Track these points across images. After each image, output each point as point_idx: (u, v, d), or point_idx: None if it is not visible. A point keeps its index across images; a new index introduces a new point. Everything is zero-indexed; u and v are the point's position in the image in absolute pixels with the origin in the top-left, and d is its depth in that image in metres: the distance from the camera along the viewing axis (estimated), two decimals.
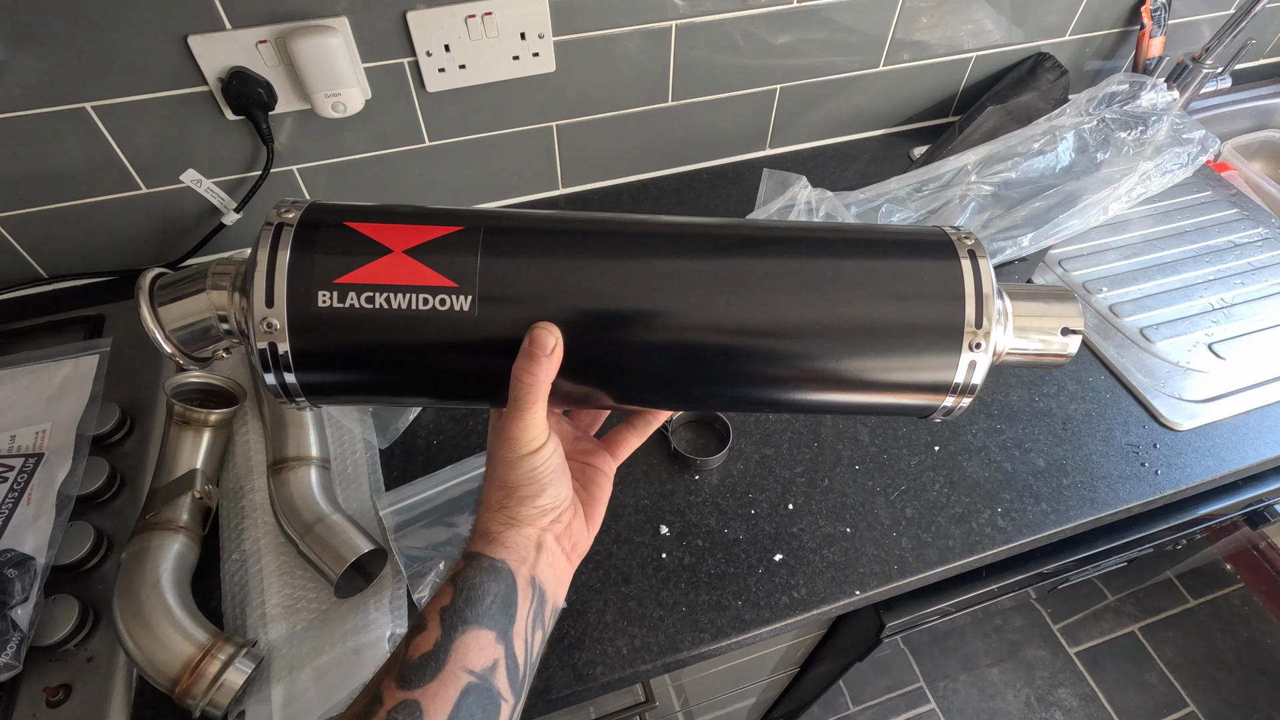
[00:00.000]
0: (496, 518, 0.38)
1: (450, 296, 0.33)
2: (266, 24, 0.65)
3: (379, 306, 0.33)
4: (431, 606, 0.36)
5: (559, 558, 0.39)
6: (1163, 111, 0.86)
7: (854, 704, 1.53)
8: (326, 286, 0.33)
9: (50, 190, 0.71)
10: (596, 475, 0.43)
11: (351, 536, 0.56)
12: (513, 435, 0.36)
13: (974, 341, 0.35)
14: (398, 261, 0.33)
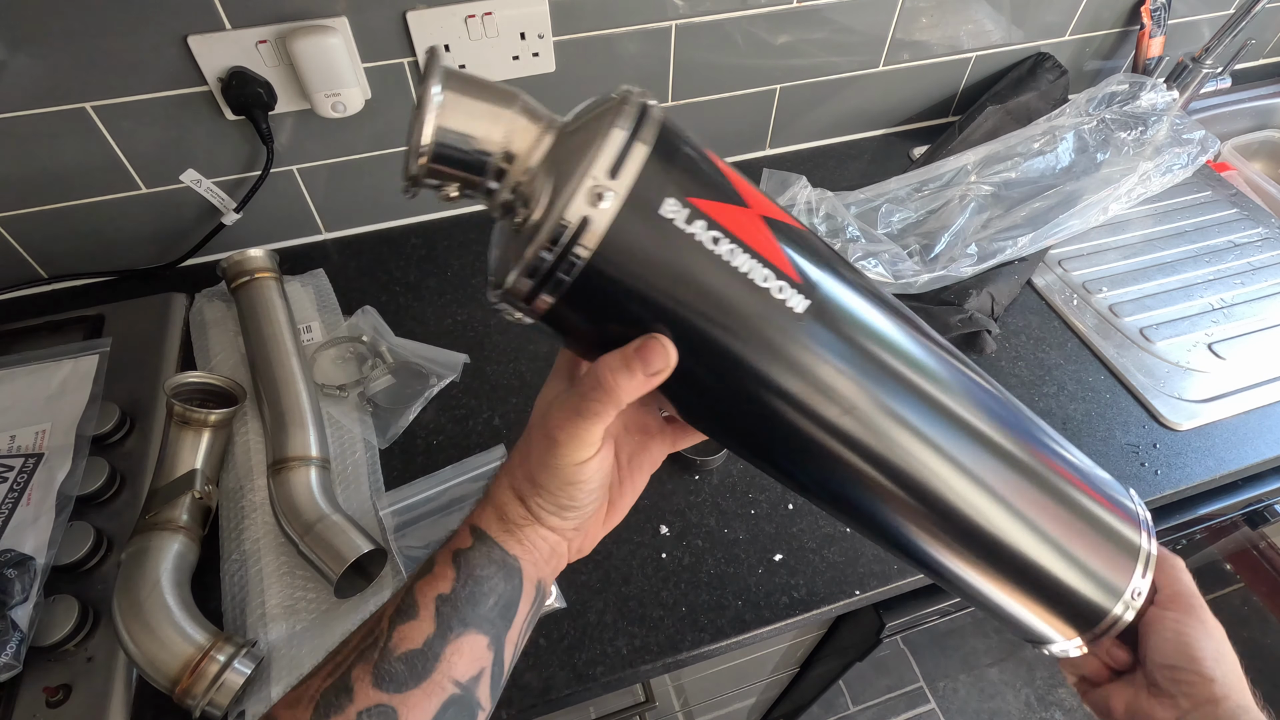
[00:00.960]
0: (517, 507, 0.33)
1: (788, 288, 0.28)
2: (266, 24, 0.65)
3: (720, 254, 0.27)
4: (426, 588, 0.31)
5: (566, 558, 0.36)
6: (1163, 112, 0.86)
7: (854, 704, 1.52)
8: (680, 199, 0.26)
9: (50, 190, 0.71)
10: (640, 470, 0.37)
11: (351, 536, 0.56)
12: (558, 438, 0.30)
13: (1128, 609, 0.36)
14: (753, 222, 0.28)
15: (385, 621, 0.31)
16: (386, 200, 0.85)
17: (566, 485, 0.31)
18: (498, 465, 0.64)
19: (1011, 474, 0.33)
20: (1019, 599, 0.36)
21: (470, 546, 0.32)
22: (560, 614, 0.58)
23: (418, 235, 0.87)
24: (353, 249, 0.85)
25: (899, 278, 0.74)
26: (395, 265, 0.83)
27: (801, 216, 0.78)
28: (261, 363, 0.67)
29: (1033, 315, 0.80)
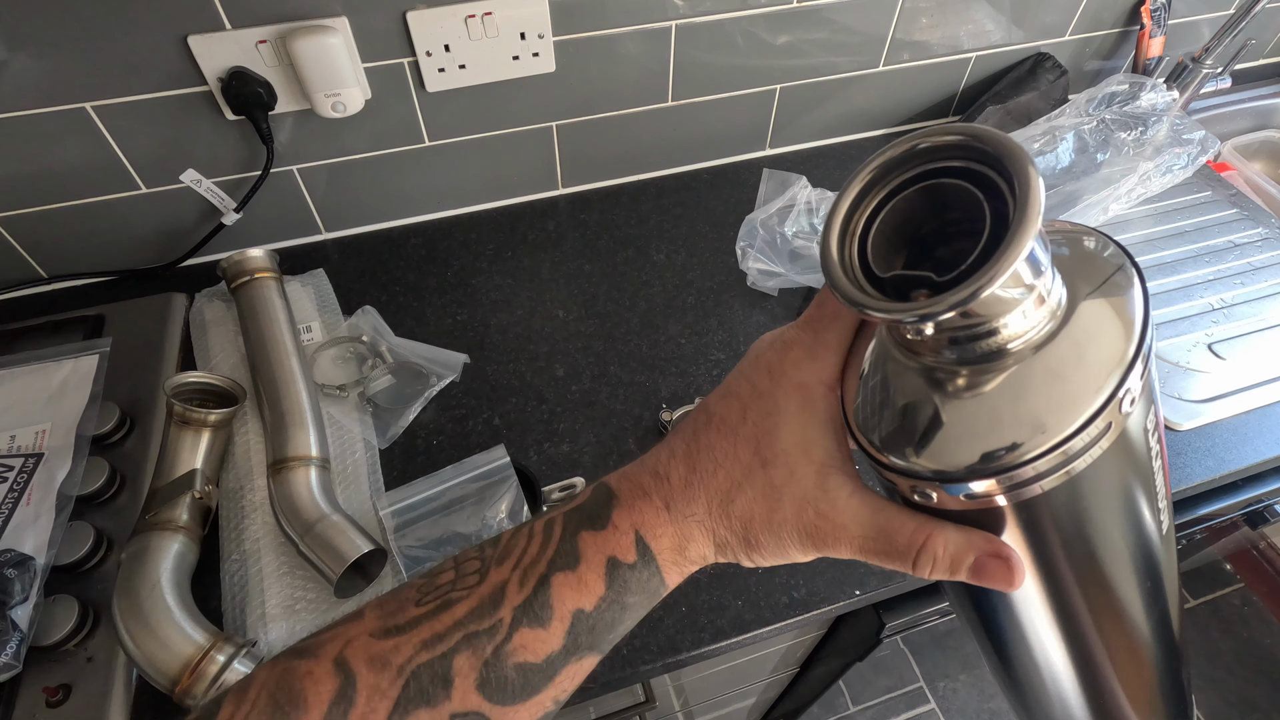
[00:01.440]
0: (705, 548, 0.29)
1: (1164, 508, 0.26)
2: (266, 24, 0.65)
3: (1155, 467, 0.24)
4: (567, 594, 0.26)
5: None
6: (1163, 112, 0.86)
7: (854, 704, 1.52)
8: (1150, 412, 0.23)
9: (50, 190, 0.71)
10: None
11: (351, 536, 0.56)
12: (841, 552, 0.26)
13: None
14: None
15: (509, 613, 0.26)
16: (386, 200, 0.85)
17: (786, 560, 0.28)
18: (499, 464, 0.64)
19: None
20: None
21: (632, 564, 0.27)
22: None
23: (418, 235, 0.87)
24: (353, 249, 0.85)
25: None
26: (395, 265, 0.83)
27: (801, 217, 0.79)
28: (261, 363, 0.67)
29: None
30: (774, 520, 0.26)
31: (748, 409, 0.27)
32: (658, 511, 0.28)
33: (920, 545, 0.24)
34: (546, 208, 0.91)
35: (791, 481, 0.26)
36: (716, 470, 0.27)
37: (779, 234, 0.77)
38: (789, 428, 0.26)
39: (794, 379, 0.27)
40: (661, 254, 0.85)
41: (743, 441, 0.27)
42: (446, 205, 0.89)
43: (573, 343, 0.76)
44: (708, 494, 0.27)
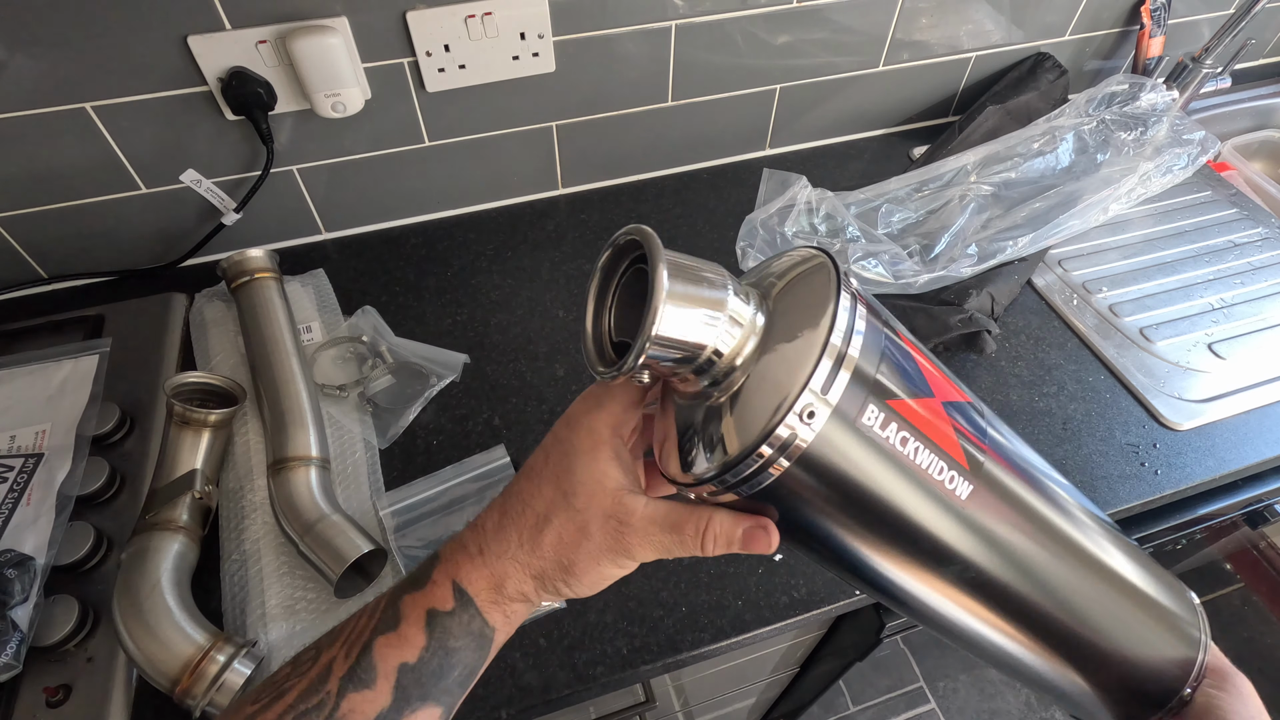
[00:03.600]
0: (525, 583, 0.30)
1: (958, 476, 0.28)
2: (266, 24, 0.65)
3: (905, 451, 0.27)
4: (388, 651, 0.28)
5: None
6: (1163, 112, 0.86)
7: (854, 704, 1.52)
8: (879, 402, 0.26)
9: (50, 190, 0.71)
10: None
11: (351, 536, 0.55)
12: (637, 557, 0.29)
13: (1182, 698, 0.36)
14: (936, 411, 0.28)
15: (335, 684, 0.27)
16: (386, 200, 0.85)
17: (600, 577, 0.30)
18: (499, 464, 0.64)
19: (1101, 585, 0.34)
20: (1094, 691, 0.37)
21: (450, 611, 0.29)
22: (560, 614, 0.58)
23: (417, 235, 0.87)
24: (353, 249, 0.85)
25: (899, 278, 0.74)
26: (395, 265, 0.83)
27: (801, 217, 0.79)
28: (261, 363, 0.67)
29: (1033, 315, 0.80)
30: (584, 542, 0.29)
31: (549, 454, 0.31)
32: (472, 558, 0.30)
33: (703, 530, 0.29)
34: (546, 208, 0.91)
35: (593, 505, 0.30)
36: (525, 510, 0.30)
37: (779, 234, 0.77)
38: (583, 463, 0.30)
39: (585, 425, 0.31)
40: None
41: (546, 481, 0.31)
42: (446, 205, 0.89)
43: (573, 343, 0.76)
44: (518, 532, 0.30)
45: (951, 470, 0.28)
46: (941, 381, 0.30)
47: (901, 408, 0.27)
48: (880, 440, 0.26)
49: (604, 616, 0.58)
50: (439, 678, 0.29)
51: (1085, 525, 0.34)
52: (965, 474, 0.28)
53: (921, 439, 0.27)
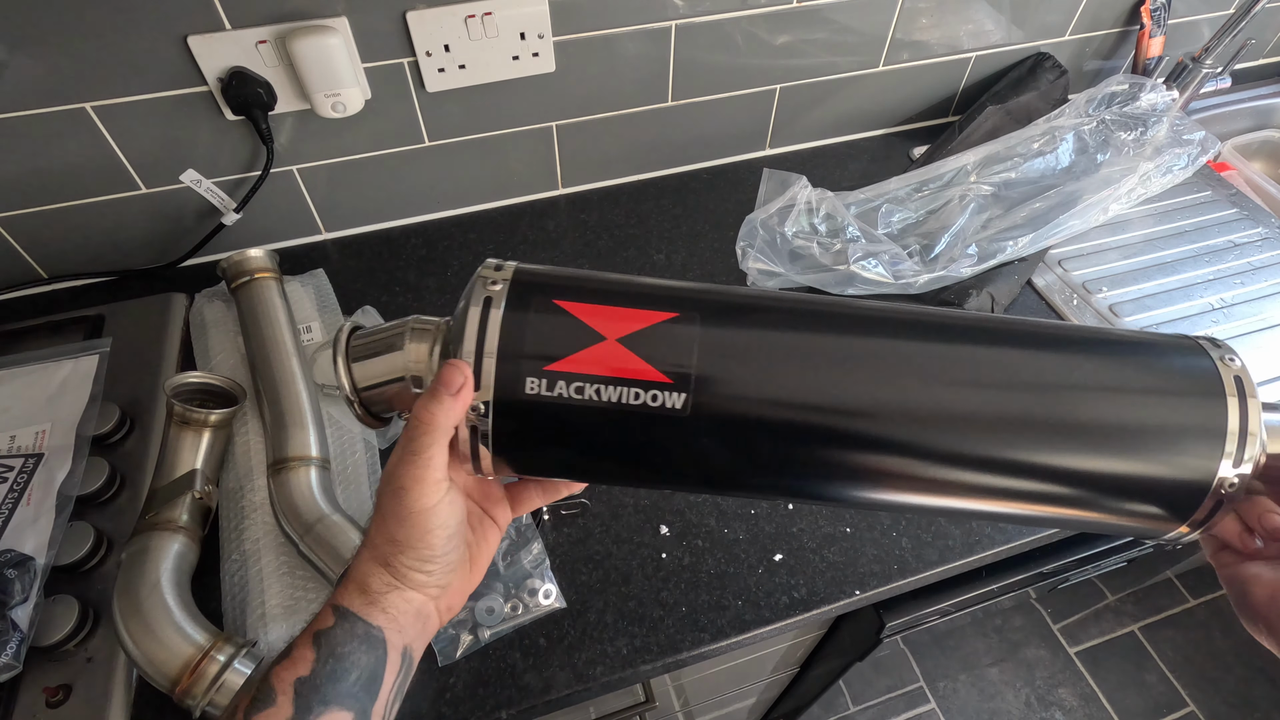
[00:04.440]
0: (380, 574, 0.33)
1: (663, 394, 0.31)
2: (266, 24, 0.65)
3: (589, 399, 0.31)
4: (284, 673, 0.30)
5: (435, 621, 0.36)
6: (1163, 112, 0.86)
7: (854, 704, 1.52)
8: (536, 373, 0.31)
9: (50, 190, 0.71)
10: (490, 529, 0.39)
11: (351, 536, 0.55)
12: (403, 485, 0.32)
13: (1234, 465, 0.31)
14: (610, 350, 0.31)
15: (240, 714, 0.30)
16: (386, 200, 0.85)
17: (424, 534, 0.32)
18: None
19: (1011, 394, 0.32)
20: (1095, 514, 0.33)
21: (332, 626, 0.32)
22: (560, 614, 0.58)
23: (417, 235, 0.87)
24: (353, 249, 0.85)
25: (899, 278, 0.74)
26: (395, 265, 0.83)
27: (802, 217, 0.78)
28: (261, 363, 0.67)
29: (1033, 315, 0.80)
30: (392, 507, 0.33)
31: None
32: (345, 584, 0.34)
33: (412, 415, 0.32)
34: (546, 208, 0.91)
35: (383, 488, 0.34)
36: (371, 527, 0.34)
37: (779, 234, 0.77)
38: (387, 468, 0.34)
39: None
40: (661, 254, 0.85)
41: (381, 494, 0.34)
42: (446, 205, 0.89)
43: None
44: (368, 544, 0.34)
45: (653, 390, 0.31)
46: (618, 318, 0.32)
47: (563, 365, 0.31)
48: (554, 399, 0.31)
49: (604, 616, 0.58)
50: (336, 681, 0.31)
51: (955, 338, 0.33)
52: (672, 386, 0.31)
53: (600, 381, 0.31)
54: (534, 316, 0.32)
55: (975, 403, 0.32)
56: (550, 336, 0.31)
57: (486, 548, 0.38)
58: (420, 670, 0.55)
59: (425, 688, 0.54)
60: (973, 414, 0.32)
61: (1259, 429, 0.31)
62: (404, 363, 0.34)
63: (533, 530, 0.61)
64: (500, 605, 0.57)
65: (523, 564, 0.59)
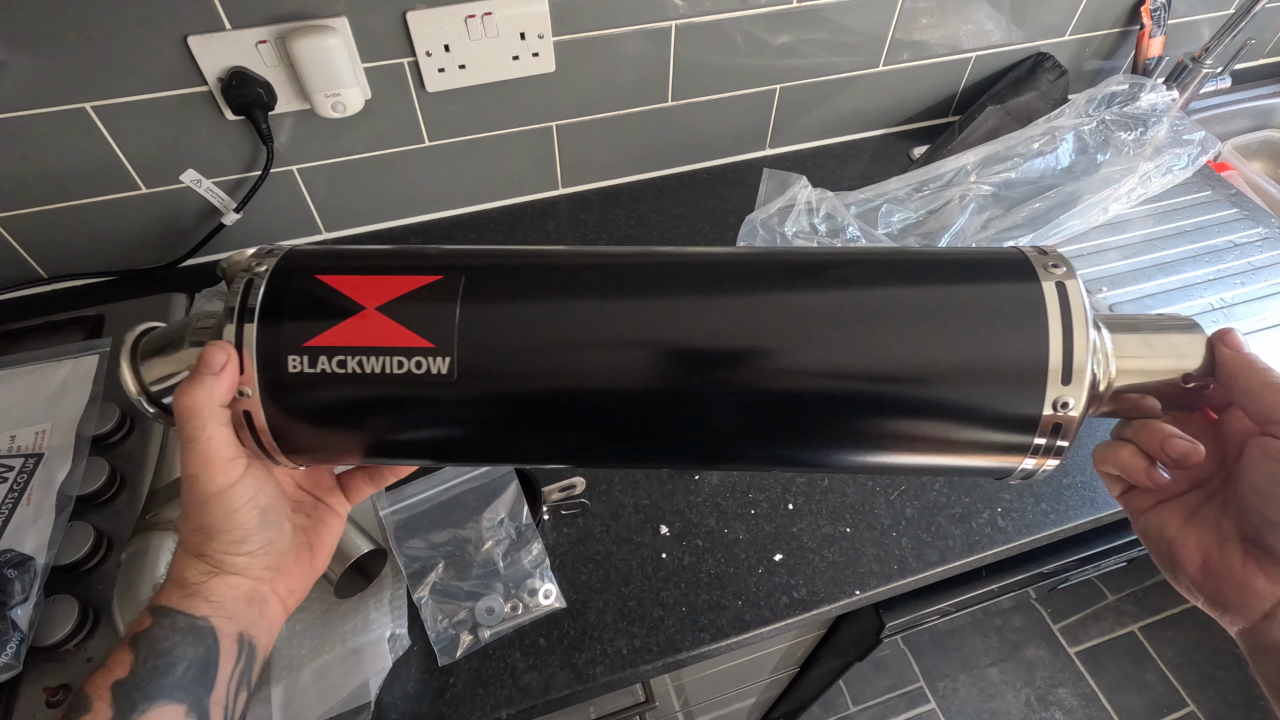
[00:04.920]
0: (196, 565, 0.32)
1: (426, 358, 0.30)
2: (266, 24, 0.65)
3: (351, 371, 0.30)
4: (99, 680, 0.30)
5: (274, 606, 0.35)
6: (1162, 112, 0.86)
7: (854, 704, 1.52)
8: (296, 350, 0.31)
9: (50, 190, 0.71)
10: (328, 515, 0.38)
11: (351, 536, 0.55)
12: (192, 472, 0.31)
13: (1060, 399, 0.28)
14: (370, 320, 0.31)
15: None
16: (386, 200, 0.85)
17: (229, 514, 0.32)
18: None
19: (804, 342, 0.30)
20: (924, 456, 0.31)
21: (149, 626, 0.31)
22: (560, 614, 0.58)
23: (417, 235, 0.87)
24: None
25: None
26: None
27: (801, 217, 0.78)
28: None
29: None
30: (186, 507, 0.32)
31: None
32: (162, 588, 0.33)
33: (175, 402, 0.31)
34: (546, 208, 0.91)
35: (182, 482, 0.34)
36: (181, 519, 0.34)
37: (779, 234, 0.77)
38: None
39: None
40: None
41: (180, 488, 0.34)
42: (446, 205, 0.89)
43: None
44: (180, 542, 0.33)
45: (416, 356, 0.30)
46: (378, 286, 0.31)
47: (323, 339, 0.31)
48: (318, 374, 0.31)
49: (604, 616, 0.58)
50: (159, 676, 0.30)
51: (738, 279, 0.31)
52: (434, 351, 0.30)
53: (360, 352, 0.30)
54: (293, 295, 0.32)
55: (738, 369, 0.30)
56: (309, 312, 0.31)
57: (327, 534, 0.38)
58: (420, 670, 0.55)
59: (425, 688, 0.54)
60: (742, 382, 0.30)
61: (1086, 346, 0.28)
62: (189, 357, 0.33)
63: (533, 530, 0.61)
64: (500, 605, 0.57)
65: (523, 564, 0.59)
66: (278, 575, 0.34)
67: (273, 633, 0.35)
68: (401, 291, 0.31)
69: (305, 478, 0.38)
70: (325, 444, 0.34)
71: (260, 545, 0.33)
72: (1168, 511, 0.32)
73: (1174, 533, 0.31)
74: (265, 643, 0.34)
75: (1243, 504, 0.29)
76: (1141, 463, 0.31)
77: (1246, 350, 0.29)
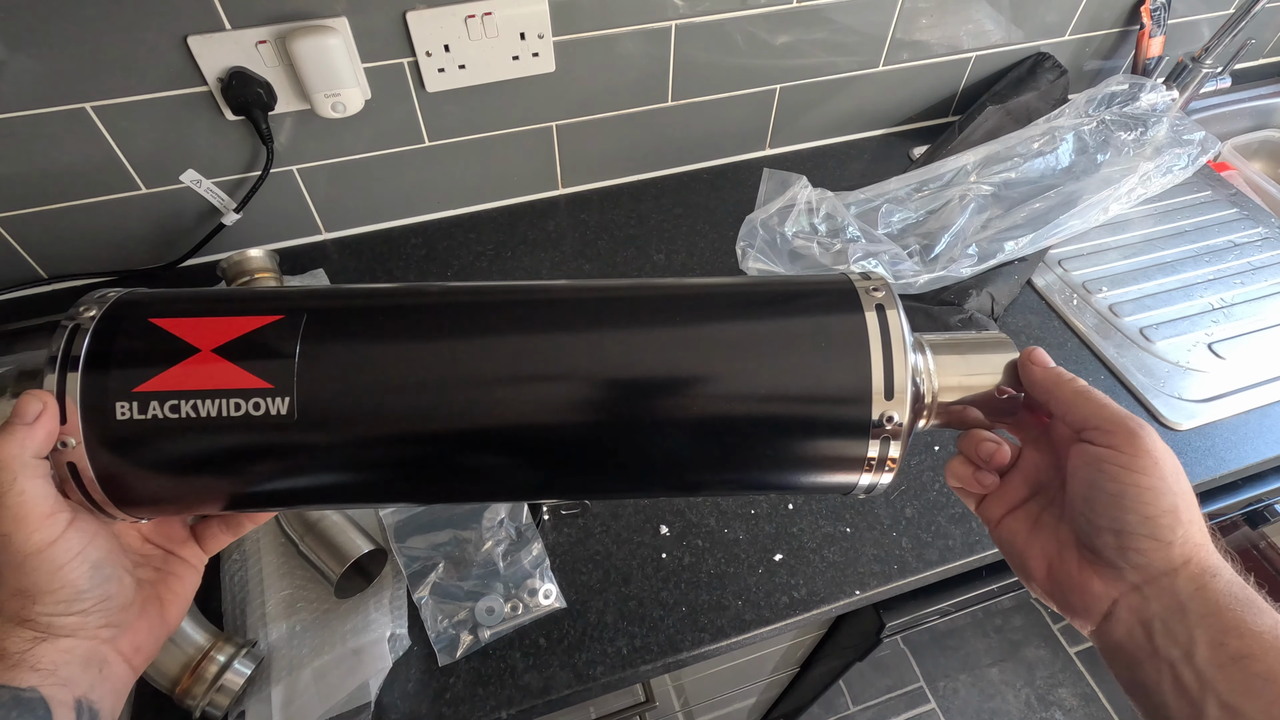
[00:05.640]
0: (17, 634, 0.30)
1: (265, 400, 0.30)
2: (266, 24, 0.65)
3: (185, 415, 0.29)
4: None
5: (119, 667, 0.32)
6: (1162, 112, 0.86)
7: (854, 704, 1.52)
8: (125, 396, 0.29)
9: (50, 190, 0.71)
10: (179, 567, 0.36)
11: (351, 536, 0.56)
12: (4, 531, 0.29)
13: (885, 414, 0.30)
14: (205, 363, 0.30)
15: None
16: (386, 200, 0.85)
17: (54, 573, 0.30)
18: None
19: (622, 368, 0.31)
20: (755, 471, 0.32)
21: None
22: (560, 614, 0.58)
23: (417, 235, 0.87)
24: (353, 249, 0.85)
25: (899, 278, 0.74)
26: (395, 265, 0.83)
27: (801, 217, 0.79)
28: None
29: (1033, 315, 0.80)
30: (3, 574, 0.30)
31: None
32: None
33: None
34: (546, 208, 0.91)
35: None
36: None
37: (779, 234, 0.77)
38: None
39: None
40: (661, 254, 0.85)
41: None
42: (446, 205, 0.89)
43: None
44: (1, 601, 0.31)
45: (255, 398, 0.30)
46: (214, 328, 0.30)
47: (154, 384, 0.29)
48: (149, 420, 0.29)
49: (604, 616, 0.58)
50: None
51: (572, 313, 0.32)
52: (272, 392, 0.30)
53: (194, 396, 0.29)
54: (122, 339, 0.30)
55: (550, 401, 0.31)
56: (139, 356, 0.30)
57: (180, 587, 0.36)
58: (420, 670, 0.55)
59: (425, 688, 0.54)
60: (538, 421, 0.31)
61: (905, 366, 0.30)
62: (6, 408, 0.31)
63: (533, 530, 0.61)
64: (500, 605, 0.57)
65: (523, 564, 0.59)
66: (120, 633, 0.32)
67: (120, 693, 0.32)
68: (240, 332, 0.30)
69: (152, 530, 0.36)
70: (164, 494, 0.32)
71: (94, 602, 0.31)
72: (1015, 521, 0.34)
73: (1023, 541, 0.33)
74: (112, 705, 0.32)
75: (1071, 510, 0.31)
76: (969, 469, 0.34)
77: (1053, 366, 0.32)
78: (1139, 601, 0.29)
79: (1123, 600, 0.29)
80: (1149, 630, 0.29)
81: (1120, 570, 0.29)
